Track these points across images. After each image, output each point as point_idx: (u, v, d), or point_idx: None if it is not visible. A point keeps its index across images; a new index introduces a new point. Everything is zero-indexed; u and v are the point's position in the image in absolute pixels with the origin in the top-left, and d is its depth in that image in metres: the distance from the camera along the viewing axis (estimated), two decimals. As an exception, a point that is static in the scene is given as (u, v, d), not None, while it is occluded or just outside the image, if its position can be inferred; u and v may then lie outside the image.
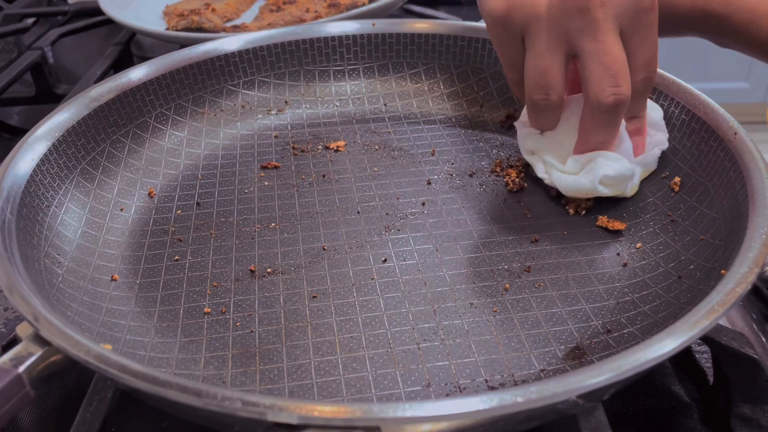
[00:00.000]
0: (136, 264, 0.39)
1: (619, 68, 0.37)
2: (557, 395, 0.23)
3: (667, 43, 1.83)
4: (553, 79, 0.39)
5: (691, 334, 0.26)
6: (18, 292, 0.29)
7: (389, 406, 0.23)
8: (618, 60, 0.37)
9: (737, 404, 0.31)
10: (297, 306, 0.36)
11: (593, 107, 0.38)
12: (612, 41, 0.37)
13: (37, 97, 0.67)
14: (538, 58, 0.38)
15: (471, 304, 0.35)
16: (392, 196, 0.44)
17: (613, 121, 0.38)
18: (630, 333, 0.33)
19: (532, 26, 0.38)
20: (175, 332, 0.34)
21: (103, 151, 0.44)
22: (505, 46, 0.40)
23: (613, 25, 0.37)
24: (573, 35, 0.37)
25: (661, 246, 0.38)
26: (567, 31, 0.37)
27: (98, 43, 0.81)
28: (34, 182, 0.38)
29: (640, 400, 0.33)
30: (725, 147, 0.38)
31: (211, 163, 0.48)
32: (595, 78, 0.37)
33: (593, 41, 0.37)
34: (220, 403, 0.23)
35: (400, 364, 0.32)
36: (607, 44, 0.37)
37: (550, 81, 0.39)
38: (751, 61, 1.93)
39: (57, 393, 0.34)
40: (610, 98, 0.37)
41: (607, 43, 0.37)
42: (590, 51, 0.37)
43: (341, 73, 0.55)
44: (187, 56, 0.50)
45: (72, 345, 0.26)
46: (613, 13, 0.36)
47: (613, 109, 0.37)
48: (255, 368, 0.32)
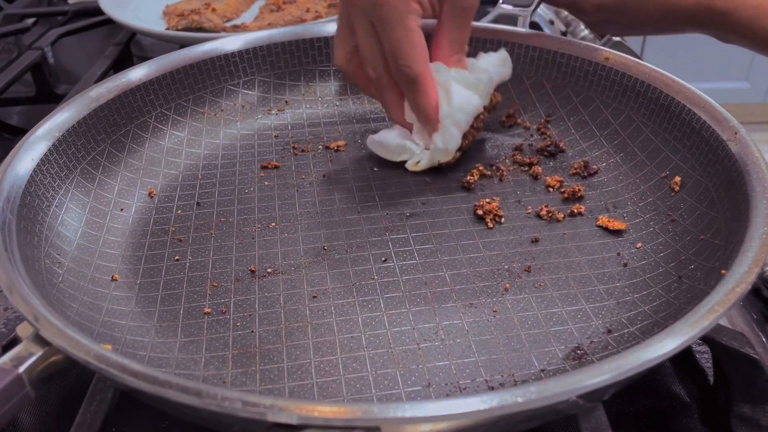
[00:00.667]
0: (137, 264, 0.39)
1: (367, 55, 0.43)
2: (557, 395, 0.23)
3: (667, 42, 1.83)
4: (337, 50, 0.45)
5: (691, 334, 0.26)
6: (18, 292, 0.29)
7: (389, 406, 0.23)
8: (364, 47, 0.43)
9: (737, 404, 0.31)
10: (297, 306, 0.36)
11: None
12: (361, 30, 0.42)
13: (37, 97, 0.67)
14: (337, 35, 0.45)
15: (471, 304, 0.35)
16: (392, 196, 0.44)
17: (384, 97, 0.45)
18: (630, 333, 0.33)
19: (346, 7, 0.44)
20: (176, 332, 0.34)
21: (103, 151, 0.44)
22: None
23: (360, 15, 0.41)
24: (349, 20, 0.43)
25: (661, 246, 0.38)
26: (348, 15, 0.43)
27: (98, 43, 0.81)
28: (34, 182, 0.38)
29: (640, 400, 0.33)
30: (725, 147, 0.38)
31: (211, 163, 0.48)
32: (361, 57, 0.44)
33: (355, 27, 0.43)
34: (220, 403, 0.23)
35: (400, 364, 0.32)
36: (358, 32, 0.42)
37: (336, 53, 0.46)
38: (751, 61, 1.93)
39: (57, 393, 0.34)
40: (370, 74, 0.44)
41: (358, 30, 0.42)
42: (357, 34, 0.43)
43: (341, 72, 0.55)
44: (187, 56, 0.50)
45: (72, 345, 0.26)
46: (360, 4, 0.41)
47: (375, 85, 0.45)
48: (255, 368, 0.32)
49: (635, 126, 0.45)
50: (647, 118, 0.45)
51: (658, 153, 0.43)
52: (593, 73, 0.48)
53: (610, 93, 0.47)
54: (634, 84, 0.45)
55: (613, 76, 0.47)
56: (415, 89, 0.42)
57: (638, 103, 0.45)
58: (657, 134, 0.44)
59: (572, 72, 0.49)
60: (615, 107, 0.47)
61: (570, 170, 0.46)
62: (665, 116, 0.43)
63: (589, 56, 0.48)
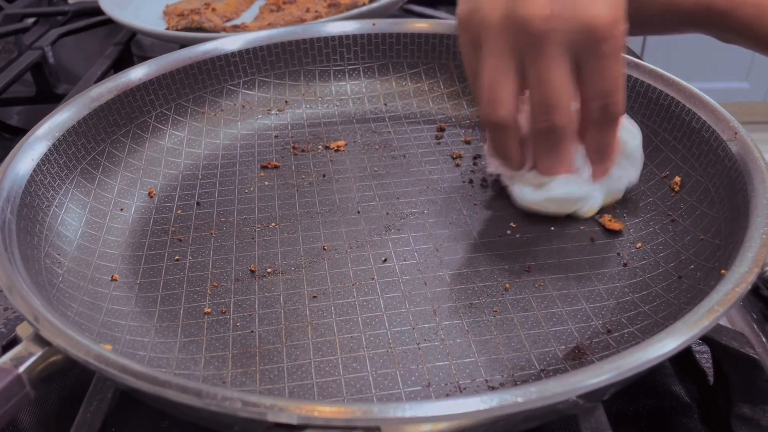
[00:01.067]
0: (137, 264, 0.39)
1: (555, 100, 0.35)
2: (557, 395, 0.23)
3: (667, 42, 1.83)
4: (502, 94, 0.36)
5: (691, 334, 0.26)
6: (18, 292, 0.29)
7: (389, 406, 0.23)
8: (555, 90, 0.35)
9: (737, 404, 0.31)
10: (297, 306, 0.36)
11: (531, 133, 0.37)
12: (554, 70, 0.35)
13: (37, 97, 0.67)
14: (487, 70, 0.36)
15: (471, 304, 0.35)
16: (392, 196, 0.44)
17: (554, 149, 0.37)
18: (630, 333, 0.33)
19: (483, 36, 0.36)
20: (176, 332, 0.34)
21: (103, 151, 0.44)
22: (466, 54, 0.38)
23: (560, 51, 0.35)
24: (522, 55, 0.35)
25: (661, 246, 0.38)
26: (518, 48, 0.35)
27: (98, 43, 0.81)
28: (34, 182, 0.38)
29: (640, 400, 0.33)
30: (725, 147, 0.38)
31: (211, 162, 0.48)
32: (533, 105, 0.36)
33: (536, 66, 0.35)
34: (220, 403, 0.23)
35: (400, 364, 0.32)
36: (548, 72, 0.35)
37: (499, 96, 0.36)
38: (751, 61, 1.93)
39: (57, 393, 0.34)
40: (542, 125, 0.36)
41: (549, 70, 0.35)
42: (533, 76, 0.35)
43: (341, 72, 0.55)
44: (187, 56, 0.50)
45: (72, 345, 0.26)
46: (560, 39, 0.34)
47: (548, 137, 0.36)
48: (255, 368, 0.32)
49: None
50: (647, 118, 0.45)
51: (658, 153, 0.43)
52: (593, 73, 0.48)
53: (610, 93, 0.47)
54: (634, 84, 0.45)
55: (613, 76, 0.47)
56: (614, 128, 0.38)
57: (638, 103, 0.45)
58: (657, 134, 0.44)
59: (572, 72, 0.49)
60: (615, 107, 0.47)
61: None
62: (665, 116, 0.43)
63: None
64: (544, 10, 0.34)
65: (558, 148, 0.37)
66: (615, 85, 0.36)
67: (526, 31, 0.34)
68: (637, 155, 0.41)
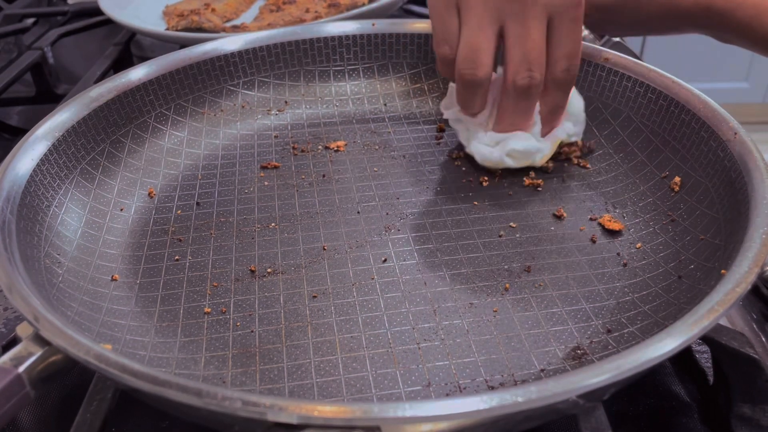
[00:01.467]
0: (136, 264, 0.39)
1: (537, 56, 0.39)
2: (557, 395, 0.23)
3: (667, 42, 1.83)
4: (483, 55, 0.40)
5: (691, 334, 0.26)
6: (18, 292, 0.29)
7: (389, 406, 0.23)
8: (537, 47, 0.39)
9: (737, 404, 0.31)
10: (297, 306, 0.36)
11: (509, 88, 0.41)
12: (536, 28, 0.39)
13: (37, 97, 0.67)
14: (471, 33, 0.40)
15: (471, 304, 0.35)
16: (392, 196, 0.44)
17: (525, 105, 0.41)
18: (630, 333, 0.33)
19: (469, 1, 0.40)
20: (175, 332, 0.34)
21: (103, 151, 0.44)
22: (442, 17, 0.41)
23: (541, 13, 0.39)
24: (504, 16, 0.39)
25: (661, 246, 0.38)
26: (500, 10, 0.39)
27: (98, 43, 0.81)
28: (34, 182, 0.38)
29: (640, 400, 0.33)
30: (725, 147, 0.38)
31: (211, 163, 0.48)
32: (514, 61, 0.40)
33: (520, 26, 0.39)
34: (220, 403, 0.23)
35: (400, 364, 0.32)
36: (531, 30, 0.39)
37: (480, 57, 0.40)
38: (751, 61, 1.93)
39: (57, 393, 0.34)
40: (523, 81, 0.40)
41: (531, 29, 0.39)
42: (515, 35, 0.39)
43: (341, 73, 0.55)
44: (187, 56, 0.50)
45: (72, 345, 0.26)
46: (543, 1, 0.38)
47: (525, 92, 0.40)
48: (255, 368, 0.32)
49: (635, 126, 0.45)
50: (647, 118, 0.45)
51: (658, 153, 0.43)
52: (593, 74, 0.48)
53: (610, 93, 0.47)
54: (634, 84, 0.45)
55: (613, 77, 0.47)
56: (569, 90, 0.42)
57: (638, 103, 0.45)
58: (657, 134, 0.44)
59: (572, 72, 0.49)
60: (615, 107, 0.47)
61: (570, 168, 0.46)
62: (665, 116, 0.43)
63: (589, 56, 0.48)
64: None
65: (528, 105, 0.41)
66: (579, 48, 0.40)
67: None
68: (581, 117, 0.46)
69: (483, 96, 0.43)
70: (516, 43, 0.39)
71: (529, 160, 0.45)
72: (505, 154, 0.44)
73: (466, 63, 0.40)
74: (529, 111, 0.42)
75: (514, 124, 0.43)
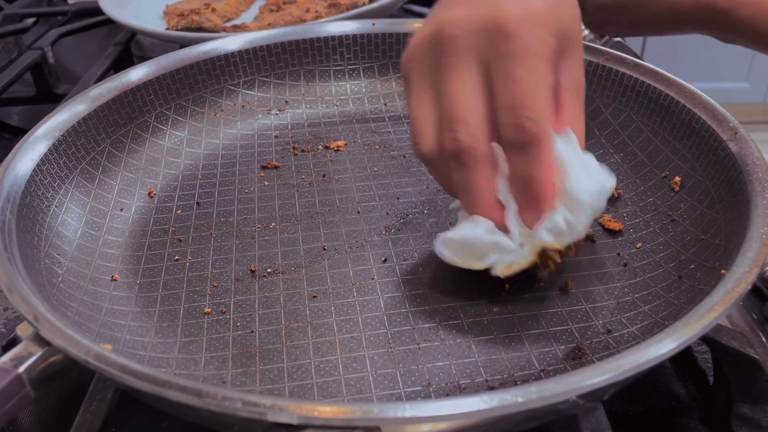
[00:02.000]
0: (136, 264, 0.39)
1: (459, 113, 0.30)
2: (557, 395, 0.23)
3: (667, 42, 1.83)
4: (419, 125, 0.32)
5: (691, 334, 0.26)
6: (18, 292, 0.29)
7: (389, 406, 0.23)
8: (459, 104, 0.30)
9: (737, 404, 0.31)
10: (297, 306, 0.36)
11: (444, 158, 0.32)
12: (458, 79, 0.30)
13: (37, 97, 0.67)
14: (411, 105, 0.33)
15: (471, 304, 0.35)
16: (392, 196, 0.44)
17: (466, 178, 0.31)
18: (630, 333, 0.33)
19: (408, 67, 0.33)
20: (176, 332, 0.34)
21: (103, 151, 0.44)
22: None
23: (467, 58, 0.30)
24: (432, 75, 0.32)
25: (661, 246, 0.38)
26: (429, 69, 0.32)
27: (98, 43, 0.81)
28: (34, 182, 0.38)
29: (640, 400, 0.33)
30: (725, 147, 0.38)
31: (211, 163, 0.48)
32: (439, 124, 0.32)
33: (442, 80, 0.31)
34: (220, 403, 0.23)
35: (400, 364, 0.32)
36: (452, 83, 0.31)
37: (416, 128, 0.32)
38: (751, 61, 1.93)
39: (57, 393, 0.34)
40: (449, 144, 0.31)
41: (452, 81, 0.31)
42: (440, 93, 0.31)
43: (341, 72, 0.55)
44: (187, 56, 0.50)
45: (72, 345, 0.26)
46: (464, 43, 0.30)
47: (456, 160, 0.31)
48: (255, 368, 0.32)
49: (635, 126, 0.45)
50: (647, 118, 0.45)
51: (658, 153, 0.43)
52: (593, 73, 0.48)
53: (610, 93, 0.47)
54: (634, 84, 0.45)
55: (613, 76, 0.47)
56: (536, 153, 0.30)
57: (638, 103, 0.45)
58: (657, 134, 0.44)
59: (572, 72, 0.49)
60: (615, 107, 0.47)
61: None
62: (665, 116, 0.43)
63: (589, 56, 0.48)
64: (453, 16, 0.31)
65: (470, 177, 0.31)
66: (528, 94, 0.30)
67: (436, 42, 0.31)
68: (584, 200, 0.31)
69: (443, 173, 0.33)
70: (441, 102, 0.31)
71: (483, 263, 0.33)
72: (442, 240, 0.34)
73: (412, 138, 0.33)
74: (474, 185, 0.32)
75: (470, 203, 0.32)
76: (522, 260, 0.33)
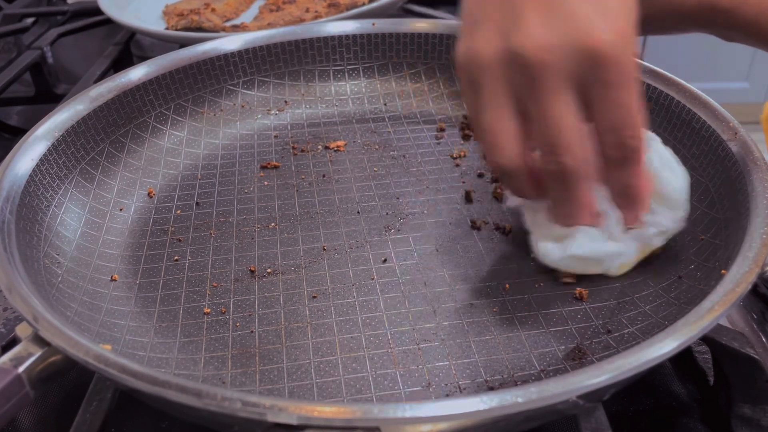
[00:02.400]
0: (136, 264, 0.39)
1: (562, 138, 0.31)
2: (557, 395, 0.23)
3: (667, 42, 1.83)
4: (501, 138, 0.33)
5: (691, 334, 0.26)
6: (17, 293, 0.29)
7: (389, 406, 0.23)
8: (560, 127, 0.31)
9: (737, 404, 0.31)
10: (297, 306, 0.36)
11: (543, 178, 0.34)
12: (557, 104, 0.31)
13: (36, 97, 0.67)
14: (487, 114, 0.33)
15: (471, 304, 0.35)
16: (392, 196, 0.44)
17: (568, 195, 0.33)
18: (630, 333, 0.33)
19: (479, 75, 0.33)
20: (175, 332, 0.34)
21: (102, 151, 0.44)
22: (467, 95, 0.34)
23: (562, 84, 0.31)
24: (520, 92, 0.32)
25: (661, 246, 0.38)
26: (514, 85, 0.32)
27: (98, 43, 0.81)
28: (33, 182, 0.38)
29: (640, 400, 0.33)
30: (725, 147, 0.38)
31: (210, 163, 0.48)
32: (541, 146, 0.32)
33: (537, 103, 0.31)
34: (220, 404, 0.23)
35: (400, 365, 0.32)
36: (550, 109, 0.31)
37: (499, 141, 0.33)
38: (751, 61, 1.93)
39: (57, 393, 0.34)
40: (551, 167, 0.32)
41: (551, 106, 0.31)
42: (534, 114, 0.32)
43: (341, 72, 0.55)
44: (186, 56, 0.50)
45: (71, 345, 0.26)
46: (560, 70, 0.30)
47: (559, 180, 0.32)
48: (255, 368, 0.32)
49: (635, 126, 0.45)
50: (647, 118, 0.45)
51: (658, 153, 0.43)
52: (593, 73, 0.48)
53: (610, 93, 0.47)
54: (634, 84, 0.45)
55: (613, 76, 0.47)
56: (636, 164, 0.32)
57: (638, 103, 0.45)
58: (657, 134, 0.44)
59: (572, 72, 0.49)
60: (615, 107, 0.47)
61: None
62: (665, 116, 0.43)
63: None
64: (539, 40, 0.30)
65: (573, 195, 0.33)
66: (628, 116, 0.31)
67: (521, 65, 0.31)
68: (679, 198, 0.36)
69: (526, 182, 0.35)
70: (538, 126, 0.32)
71: (601, 268, 0.36)
72: (567, 257, 0.35)
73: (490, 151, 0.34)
74: (578, 201, 0.33)
75: (568, 217, 0.35)
76: (632, 260, 0.37)
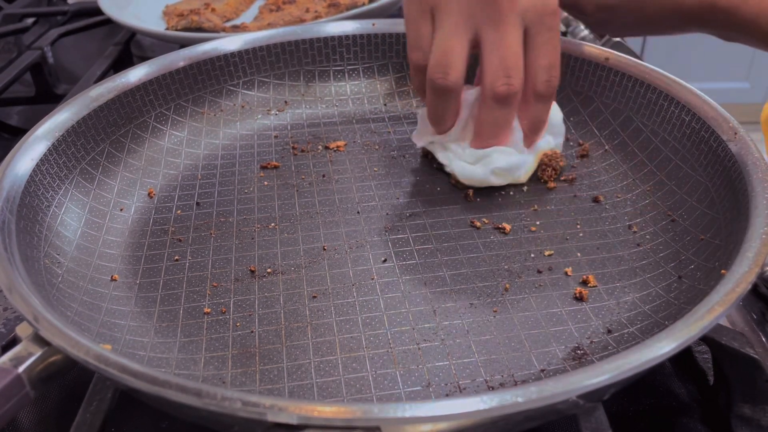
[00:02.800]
0: (136, 264, 0.39)
1: (514, 62, 0.38)
2: (557, 395, 0.23)
3: (667, 42, 1.83)
4: (455, 59, 0.39)
5: (691, 334, 0.26)
6: (18, 292, 0.29)
7: (389, 406, 0.23)
8: (513, 53, 0.38)
9: (737, 404, 0.31)
10: (297, 306, 0.36)
11: (487, 98, 0.39)
12: (513, 35, 0.38)
13: (36, 97, 0.67)
14: (444, 38, 0.39)
15: (471, 304, 0.35)
16: (392, 196, 0.44)
17: (504, 114, 0.40)
18: (630, 333, 0.33)
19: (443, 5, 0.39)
20: (175, 332, 0.34)
21: (102, 151, 0.44)
22: (416, 22, 0.40)
23: (517, 20, 0.38)
24: (479, 22, 0.38)
25: (661, 246, 0.38)
26: (474, 16, 0.38)
27: (98, 43, 0.81)
28: (33, 182, 0.38)
29: (640, 400, 0.33)
30: (725, 147, 0.38)
31: (210, 163, 0.48)
32: (491, 68, 0.38)
33: (495, 32, 0.38)
34: (220, 403, 0.23)
35: (400, 365, 0.32)
36: (507, 37, 0.38)
37: (452, 61, 0.39)
38: (751, 61, 1.93)
39: (57, 393, 0.34)
40: (501, 89, 0.38)
41: (507, 35, 0.38)
42: (491, 41, 0.38)
43: (341, 73, 0.55)
44: (186, 56, 0.50)
45: (72, 345, 0.26)
46: (519, 8, 0.38)
47: (504, 100, 0.39)
48: (255, 368, 0.32)
49: (635, 126, 0.45)
50: (647, 118, 0.45)
51: (658, 153, 0.43)
52: (593, 74, 0.48)
53: (610, 93, 0.47)
54: (634, 84, 0.45)
55: (613, 76, 0.47)
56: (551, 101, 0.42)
57: (638, 103, 0.45)
58: (657, 134, 0.44)
59: (572, 72, 0.49)
60: (615, 107, 0.47)
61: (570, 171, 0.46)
62: (665, 116, 0.43)
63: (589, 56, 0.48)
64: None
65: (506, 114, 0.40)
66: (557, 59, 0.39)
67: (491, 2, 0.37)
68: (561, 128, 0.45)
69: (455, 106, 0.41)
70: (492, 49, 0.38)
71: (513, 177, 0.43)
72: (490, 172, 0.42)
73: (438, 68, 0.39)
74: (508, 122, 0.41)
75: (493, 136, 0.41)
76: (533, 165, 0.44)
